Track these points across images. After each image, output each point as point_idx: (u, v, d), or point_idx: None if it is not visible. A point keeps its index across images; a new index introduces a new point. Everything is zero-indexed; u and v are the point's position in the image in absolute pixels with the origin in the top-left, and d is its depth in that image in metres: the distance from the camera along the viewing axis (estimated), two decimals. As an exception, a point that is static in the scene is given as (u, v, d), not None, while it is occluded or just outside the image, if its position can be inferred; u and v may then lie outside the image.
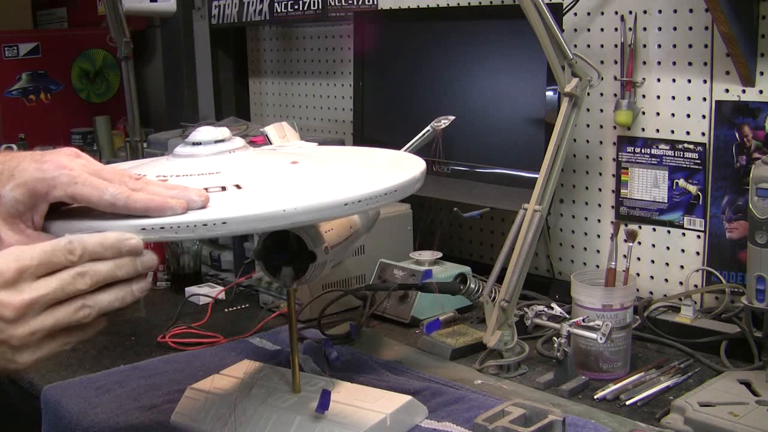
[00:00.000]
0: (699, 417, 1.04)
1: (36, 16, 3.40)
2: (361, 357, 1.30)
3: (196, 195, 0.81)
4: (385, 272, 1.56)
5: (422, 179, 0.97)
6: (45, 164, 0.79)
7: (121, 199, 0.79)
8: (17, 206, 0.79)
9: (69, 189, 0.79)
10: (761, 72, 1.36)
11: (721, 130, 1.42)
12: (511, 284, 1.22)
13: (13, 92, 2.70)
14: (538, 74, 1.49)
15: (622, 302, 1.23)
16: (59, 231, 0.80)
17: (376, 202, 0.87)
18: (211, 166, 0.91)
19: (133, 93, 2.26)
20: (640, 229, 1.54)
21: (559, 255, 1.71)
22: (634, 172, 1.55)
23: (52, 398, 1.20)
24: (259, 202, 0.83)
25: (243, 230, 0.81)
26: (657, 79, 1.50)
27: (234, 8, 2.25)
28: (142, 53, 2.90)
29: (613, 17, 1.55)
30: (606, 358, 1.23)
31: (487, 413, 0.98)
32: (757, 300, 1.17)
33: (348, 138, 2.14)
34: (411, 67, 1.77)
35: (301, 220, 0.82)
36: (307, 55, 2.29)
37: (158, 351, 1.39)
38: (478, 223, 1.86)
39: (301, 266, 1.00)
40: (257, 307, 1.61)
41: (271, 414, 1.03)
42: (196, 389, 1.12)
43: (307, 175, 0.94)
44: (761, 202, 1.16)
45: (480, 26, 1.63)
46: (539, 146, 1.45)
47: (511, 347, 1.25)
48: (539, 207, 1.24)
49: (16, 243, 0.78)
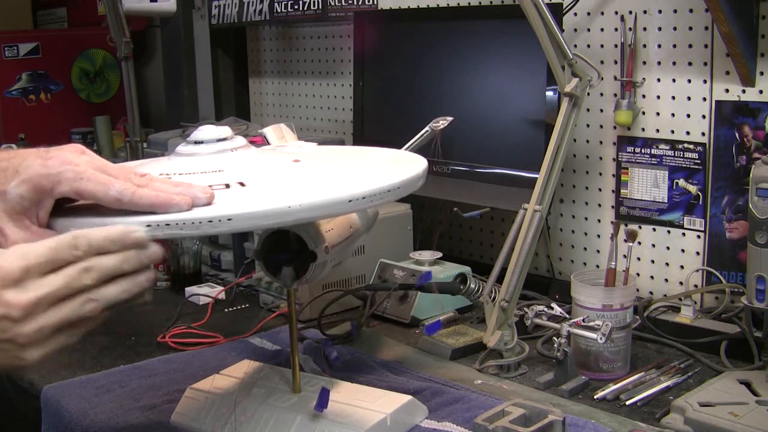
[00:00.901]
0: (699, 417, 1.04)
1: (36, 16, 3.40)
2: (361, 357, 1.30)
3: (200, 192, 0.81)
4: (385, 272, 1.56)
5: (424, 177, 0.97)
6: (50, 160, 0.79)
7: (126, 195, 0.79)
8: (22, 202, 0.79)
9: (74, 185, 0.79)
10: (761, 72, 1.36)
11: (721, 130, 1.42)
12: (511, 284, 1.22)
13: (13, 92, 2.70)
14: (538, 74, 1.49)
15: (622, 302, 1.23)
16: (64, 228, 0.80)
17: (379, 199, 0.87)
18: (213, 164, 0.91)
19: (133, 93, 2.27)
20: (640, 229, 1.54)
21: (559, 255, 1.71)
22: (634, 172, 1.55)
23: (52, 398, 1.20)
24: (263, 199, 0.83)
25: (248, 227, 0.81)
26: (657, 79, 1.50)
27: (234, 8, 2.25)
28: (142, 53, 2.90)
29: (613, 17, 1.55)
30: (606, 358, 1.23)
31: (487, 413, 0.98)
32: (757, 300, 1.17)
33: (348, 138, 2.14)
34: (411, 67, 1.77)
35: (305, 216, 0.82)
36: (307, 55, 2.29)
37: (158, 351, 1.39)
38: (478, 223, 1.86)
39: (301, 266, 1.00)
40: (257, 307, 1.61)
41: (271, 414, 1.03)
42: (196, 389, 1.12)
43: (309, 173, 0.94)
44: (761, 202, 1.16)
45: (480, 26, 1.63)
46: (539, 146, 1.45)
47: (511, 347, 1.25)
48: (539, 207, 1.24)
49: (21, 239, 0.78)
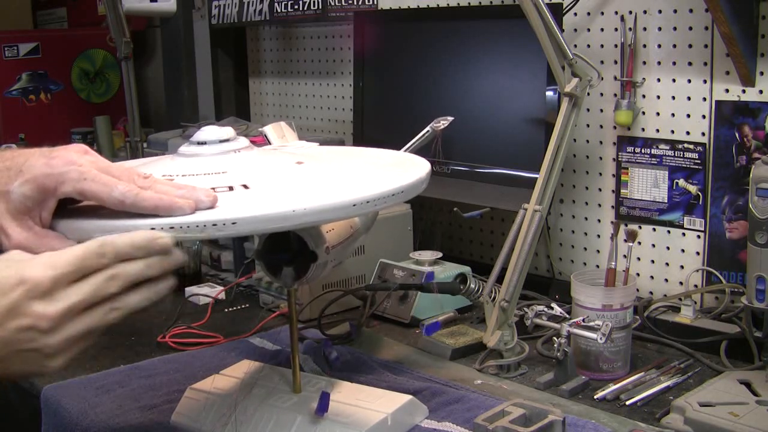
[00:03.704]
0: (699, 417, 1.04)
1: (36, 16, 3.40)
2: (361, 357, 1.29)
3: (204, 195, 0.80)
4: (385, 272, 1.56)
5: (428, 180, 0.97)
6: (54, 160, 0.79)
7: (129, 197, 0.78)
8: (26, 202, 0.79)
9: (78, 185, 0.78)
10: (761, 72, 1.36)
11: (721, 130, 1.42)
12: (511, 284, 1.22)
13: (13, 92, 2.70)
14: (538, 74, 1.49)
15: (622, 302, 1.23)
16: (66, 230, 0.80)
17: (384, 202, 0.87)
18: (216, 165, 0.91)
19: (133, 93, 2.27)
20: (640, 229, 1.54)
21: (559, 255, 1.71)
22: (634, 172, 1.55)
23: (52, 398, 1.20)
24: (268, 202, 0.82)
25: (252, 230, 0.81)
26: (657, 79, 1.50)
27: (234, 8, 2.25)
28: (142, 53, 2.90)
29: (613, 17, 1.55)
30: (606, 358, 1.23)
31: (487, 413, 0.98)
32: (757, 300, 1.17)
33: (348, 138, 2.14)
34: (411, 67, 1.77)
35: (310, 220, 0.82)
36: (307, 55, 2.29)
37: (158, 351, 1.39)
38: (478, 223, 1.86)
39: (301, 266, 1.00)
40: (257, 307, 1.61)
41: (272, 414, 1.03)
42: (197, 389, 1.12)
43: (313, 176, 0.94)
44: (761, 202, 1.16)
45: (480, 26, 1.63)
46: (539, 146, 1.45)
47: (511, 347, 1.25)
48: (539, 207, 1.24)
49: (23, 240, 0.78)
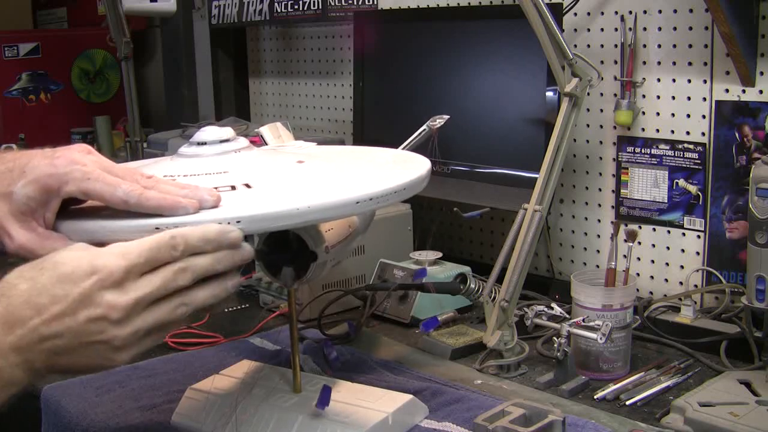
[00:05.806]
0: (699, 417, 1.04)
1: (36, 16, 3.40)
2: (361, 357, 1.29)
3: (207, 194, 0.80)
4: (385, 272, 1.56)
5: (429, 177, 0.97)
6: (57, 160, 0.79)
7: (133, 197, 0.78)
8: (29, 203, 0.78)
9: (82, 185, 0.78)
10: (761, 72, 1.36)
11: (721, 130, 1.42)
12: (511, 284, 1.22)
13: (13, 92, 2.70)
14: (538, 74, 1.49)
15: (622, 302, 1.23)
16: (69, 231, 0.80)
17: (386, 200, 0.87)
18: (217, 165, 0.91)
19: (133, 93, 2.27)
20: (640, 229, 1.54)
21: (559, 255, 1.71)
22: (634, 172, 1.55)
23: (52, 398, 1.20)
24: (271, 200, 0.83)
25: (256, 229, 0.81)
26: (657, 79, 1.50)
27: (234, 8, 2.25)
28: (142, 53, 2.90)
29: (613, 17, 1.55)
30: (606, 358, 1.23)
31: (487, 413, 0.98)
32: (757, 300, 1.17)
33: (348, 138, 2.14)
34: (411, 67, 1.77)
35: (314, 218, 0.82)
36: (307, 55, 2.29)
37: (158, 351, 1.38)
38: (478, 223, 1.86)
39: (301, 266, 1.00)
40: (257, 307, 1.61)
41: (272, 414, 1.03)
42: (197, 389, 1.11)
43: (315, 174, 0.94)
44: (761, 202, 1.16)
45: (480, 26, 1.63)
46: (539, 146, 1.45)
47: (511, 347, 1.25)
48: (539, 207, 1.24)
49: (26, 241, 0.78)
